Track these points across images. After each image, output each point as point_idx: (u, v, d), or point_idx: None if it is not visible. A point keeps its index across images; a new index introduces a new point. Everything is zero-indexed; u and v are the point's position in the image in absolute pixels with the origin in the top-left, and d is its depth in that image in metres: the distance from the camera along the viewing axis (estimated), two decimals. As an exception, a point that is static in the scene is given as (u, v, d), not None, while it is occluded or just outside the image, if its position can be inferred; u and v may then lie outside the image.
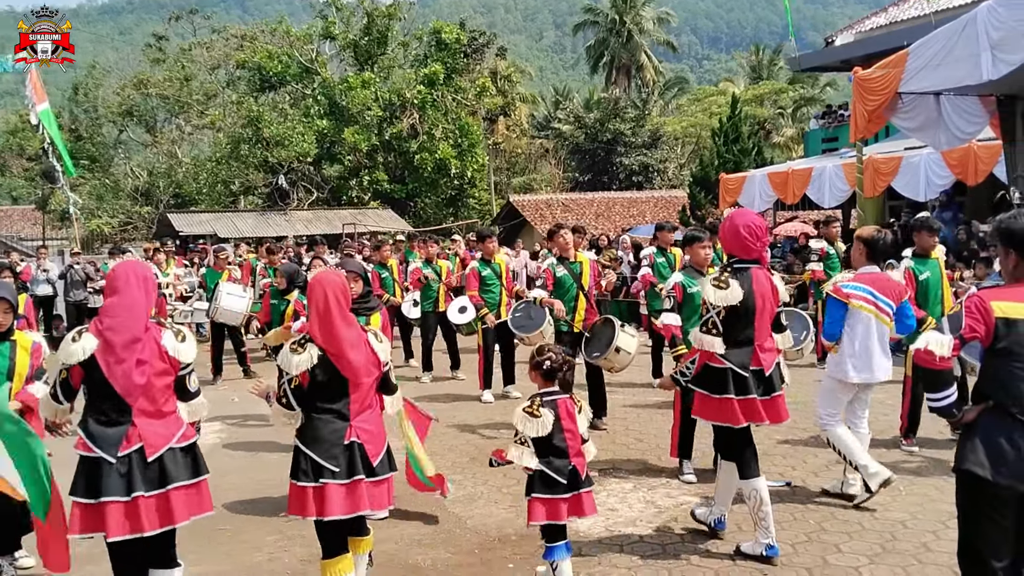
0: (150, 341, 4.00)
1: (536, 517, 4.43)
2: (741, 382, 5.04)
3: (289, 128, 32.55)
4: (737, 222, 5.18)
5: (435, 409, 9.60)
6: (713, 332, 5.03)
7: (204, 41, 39.81)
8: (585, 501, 4.49)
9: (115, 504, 3.87)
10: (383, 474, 4.24)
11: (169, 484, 3.95)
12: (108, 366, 3.90)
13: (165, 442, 3.99)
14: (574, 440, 4.47)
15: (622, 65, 53.17)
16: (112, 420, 3.94)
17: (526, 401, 4.52)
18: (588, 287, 8.35)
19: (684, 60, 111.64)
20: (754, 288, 5.05)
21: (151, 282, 4.17)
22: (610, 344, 7.56)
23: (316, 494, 4.08)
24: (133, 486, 3.89)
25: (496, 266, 10.07)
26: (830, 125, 24.53)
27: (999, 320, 3.42)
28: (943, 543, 5.17)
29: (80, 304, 16.47)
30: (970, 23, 10.39)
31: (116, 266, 4.27)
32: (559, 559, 4.49)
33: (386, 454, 4.28)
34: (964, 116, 12.42)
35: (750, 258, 5.16)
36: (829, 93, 47.08)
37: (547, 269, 8.43)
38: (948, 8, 19.69)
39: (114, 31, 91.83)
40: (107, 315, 4.01)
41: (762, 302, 5.09)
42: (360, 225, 28.78)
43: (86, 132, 38.03)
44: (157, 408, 4.02)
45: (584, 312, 8.29)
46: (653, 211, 34.21)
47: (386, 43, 36.10)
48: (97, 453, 3.89)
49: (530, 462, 4.39)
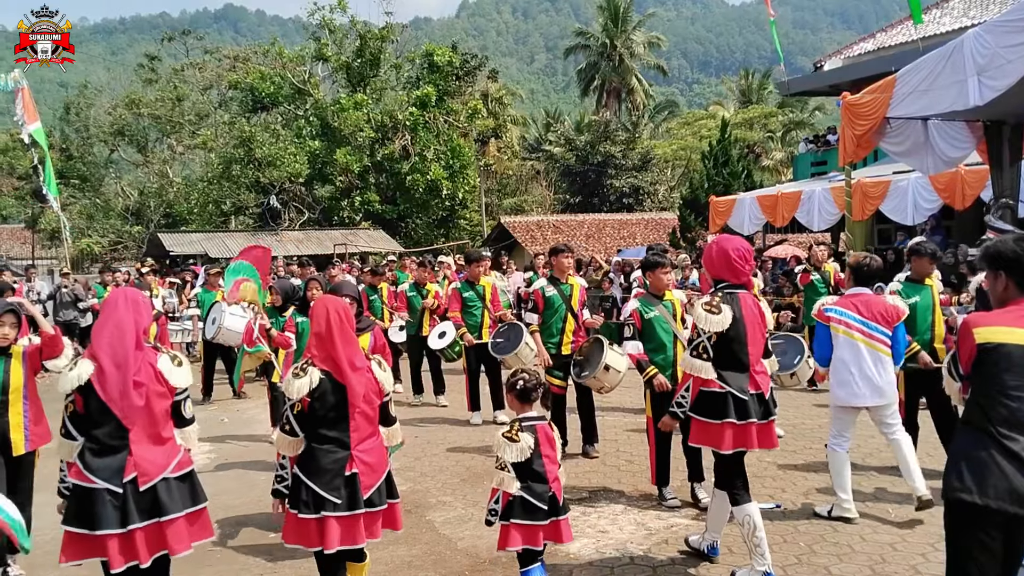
0: (145, 364, 4.00)
1: (512, 543, 4.41)
2: (741, 406, 5.03)
3: (281, 149, 32.58)
4: (726, 247, 5.21)
5: (425, 431, 9.64)
6: (704, 357, 5.02)
7: (197, 62, 39.91)
8: (563, 528, 4.50)
9: (113, 537, 3.83)
10: (379, 505, 4.22)
11: (164, 515, 3.91)
12: (104, 389, 3.89)
13: (159, 471, 3.95)
14: (552, 465, 4.49)
15: (613, 88, 53.49)
16: (109, 448, 3.91)
17: (506, 426, 4.54)
18: (577, 309, 8.35)
19: (674, 84, 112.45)
20: (744, 312, 5.09)
21: (141, 304, 4.17)
22: (599, 363, 7.56)
23: (317, 526, 4.07)
24: (128, 518, 3.85)
25: (480, 288, 10.10)
26: (819, 149, 24.74)
27: (979, 346, 3.46)
28: (932, 565, 5.19)
29: (70, 324, 16.37)
30: (957, 49, 10.51)
31: (109, 292, 4.32)
32: None
33: (384, 482, 4.27)
34: (951, 141, 12.54)
35: (739, 282, 5.20)
36: (818, 117, 47.48)
37: (536, 291, 8.44)
38: (935, 35, 19.94)
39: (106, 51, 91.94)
40: (97, 337, 4.03)
41: (752, 327, 5.12)
42: (351, 245, 28.81)
43: (77, 151, 37.97)
44: (156, 432, 4.00)
45: (572, 334, 8.28)
46: (643, 233, 34.35)
47: (379, 65, 36.25)
48: (98, 484, 3.85)
49: (511, 487, 4.39)
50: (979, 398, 3.48)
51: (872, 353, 6.06)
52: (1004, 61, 9.95)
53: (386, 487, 4.28)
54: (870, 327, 6.05)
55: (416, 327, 11.47)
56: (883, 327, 6.06)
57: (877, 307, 6.12)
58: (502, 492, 4.43)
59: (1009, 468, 3.32)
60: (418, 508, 6.83)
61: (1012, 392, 3.37)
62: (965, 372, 3.60)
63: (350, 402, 4.13)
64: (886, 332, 6.08)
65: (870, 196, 15.70)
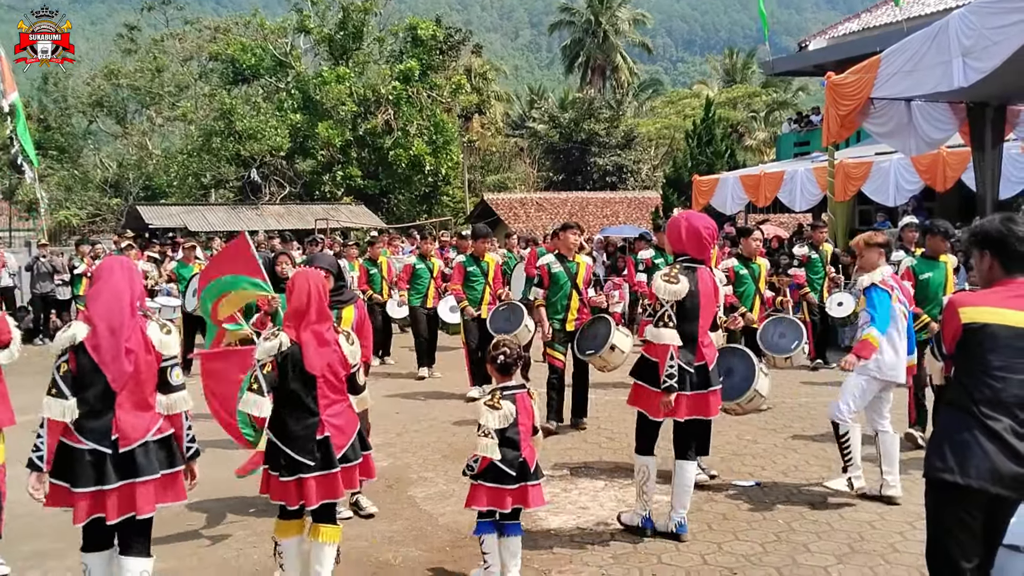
0: (136, 331, 4.07)
1: (477, 503, 4.59)
2: (680, 377, 5.23)
3: (262, 122, 32.30)
4: (698, 224, 5.41)
5: (407, 406, 9.61)
6: (670, 325, 5.21)
7: (177, 32, 39.43)
8: (531, 493, 4.63)
9: (85, 495, 3.93)
10: (355, 459, 4.51)
11: (138, 476, 3.99)
12: (98, 353, 3.96)
13: (140, 435, 4.03)
14: (526, 432, 4.64)
15: (597, 66, 53.31)
16: (96, 410, 3.99)
17: (487, 395, 4.68)
18: (582, 288, 8.37)
19: (659, 62, 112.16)
20: (699, 287, 5.32)
21: (135, 273, 4.25)
22: (605, 342, 7.59)
23: (295, 485, 4.33)
24: (105, 478, 3.94)
25: (484, 264, 10.04)
26: (802, 129, 24.77)
27: (965, 326, 3.46)
28: (910, 543, 5.23)
29: (47, 296, 16.24)
30: (942, 30, 10.53)
31: (103, 260, 4.40)
32: (485, 534, 4.65)
33: (357, 438, 4.53)
34: (934, 123, 12.59)
35: (701, 258, 5.42)
36: (801, 97, 47.53)
37: (542, 266, 8.45)
38: (921, 15, 19.93)
39: (85, 20, 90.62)
40: (92, 301, 4.09)
41: (706, 300, 5.37)
42: (333, 221, 28.64)
43: (55, 122, 37.52)
44: (142, 398, 4.07)
45: (577, 311, 8.32)
46: (626, 211, 34.35)
47: (361, 38, 35.92)
48: (85, 445, 3.94)
49: (495, 453, 4.51)
50: (962, 378, 3.49)
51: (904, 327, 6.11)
52: (989, 43, 9.97)
53: (359, 441, 4.55)
54: (904, 304, 6.10)
55: (421, 299, 11.45)
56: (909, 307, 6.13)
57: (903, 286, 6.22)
58: (482, 456, 4.54)
59: (991, 448, 3.33)
60: (399, 483, 6.82)
61: (996, 372, 3.38)
62: (949, 352, 3.60)
63: (313, 373, 4.34)
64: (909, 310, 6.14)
65: (852, 177, 15.74)
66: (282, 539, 4.58)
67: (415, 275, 11.55)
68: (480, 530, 4.67)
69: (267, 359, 4.30)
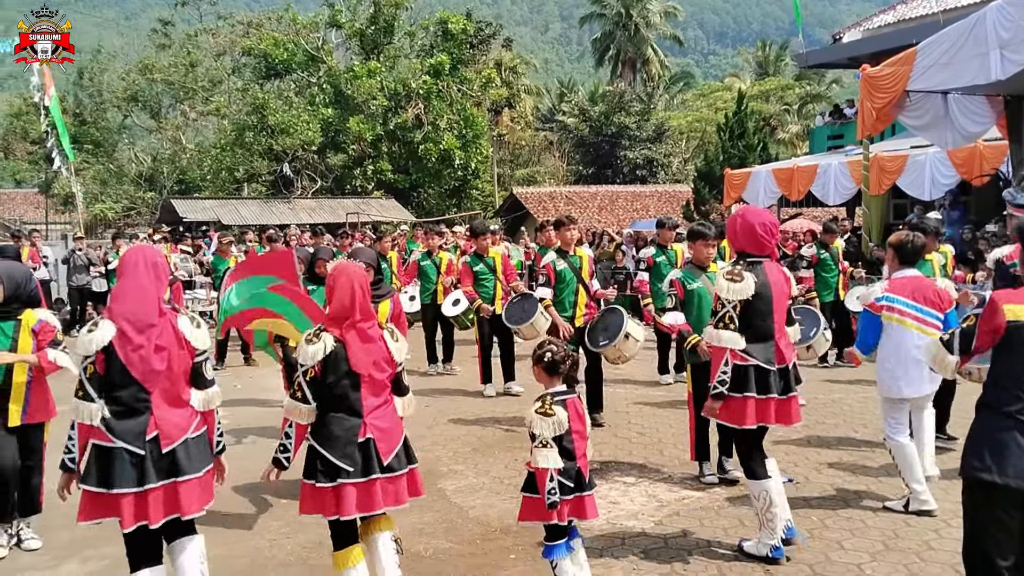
0: (167, 327, 3.97)
1: (529, 516, 4.28)
2: (763, 379, 4.96)
3: (294, 116, 32.48)
4: (752, 220, 5.08)
5: (436, 401, 9.66)
6: (731, 327, 4.91)
7: (210, 27, 39.76)
8: (587, 504, 4.32)
9: (128, 496, 3.83)
10: (400, 469, 4.20)
11: (180, 475, 3.92)
12: (126, 353, 3.86)
13: (181, 433, 3.96)
14: (581, 441, 4.32)
15: (628, 59, 53.01)
16: (130, 410, 3.89)
17: (537, 402, 4.30)
18: (588, 281, 8.27)
19: (690, 55, 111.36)
20: (769, 280, 5.00)
21: (160, 267, 4.12)
22: (619, 332, 7.52)
23: (332, 494, 4.06)
24: (145, 477, 3.85)
25: (490, 260, 10.08)
26: (836, 122, 24.51)
27: (1010, 323, 3.40)
28: (945, 541, 5.18)
29: (83, 288, 16.51)
30: (979, 22, 10.38)
31: (125, 252, 4.21)
32: (558, 557, 4.30)
33: (402, 447, 4.24)
34: (970, 116, 12.43)
35: (763, 254, 5.09)
36: (835, 90, 47.01)
37: (547, 264, 8.26)
38: (957, 7, 19.65)
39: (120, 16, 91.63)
40: (117, 301, 4.00)
41: (778, 294, 5.03)
42: (363, 215, 28.79)
43: (90, 116, 37.98)
44: (176, 395, 3.99)
45: (585, 306, 8.22)
46: (657, 205, 34.18)
47: (392, 32, 36.01)
48: (119, 444, 3.84)
49: (558, 463, 4.16)
50: (1003, 379, 3.44)
51: (923, 339, 5.51)
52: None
53: (404, 452, 4.26)
54: (922, 312, 5.70)
55: (431, 295, 11.46)
56: (935, 311, 5.72)
57: (927, 290, 5.78)
58: (551, 469, 4.15)
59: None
60: (429, 476, 6.83)
61: None
62: (983, 348, 3.54)
63: (359, 372, 4.12)
64: (937, 316, 5.73)
65: (887, 170, 15.55)
66: (350, 569, 4.19)
67: (421, 272, 11.52)
68: (552, 553, 4.29)
69: (312, 364, 4.07)
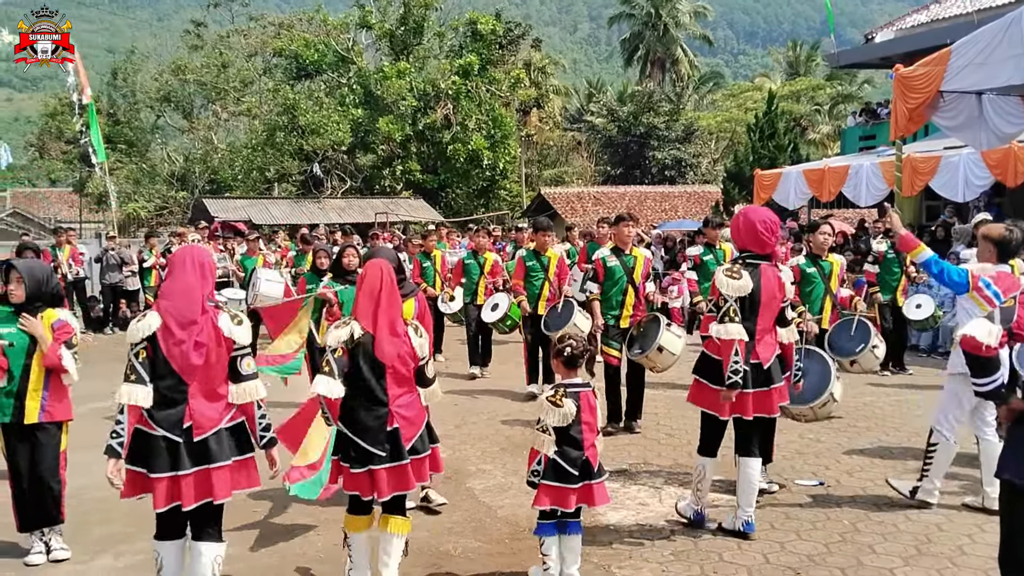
0: (208, 324, 4.15)
1: (541, 503, 4.56)
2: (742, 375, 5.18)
3: (324, 116, 32.66)
4: (753, 218, 5.32)
5: (465, 400, 9.67)
6: (736, 320, 5.15)
7: (242, 28, 40.03)
8: (596, 491, 4.61)
9: (163, 479, 4.05)
10: (424, 451, 4.56)
11: (212, 463, 4.11)
12: (168, 346, 4.07)
13: (213, 425, 4.15)
14: (590, 432, 4.59)
15: (657, 59, 52.80)
16: (170, 399, 4.09)
17: (550, 390, 4.64)
18: (640, 282, 8.12)
19: (720, 55, 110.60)
20: (762, 283, 5.24)
21: (208, 267, 4.28)
22: (652, 343, 7.45)
23: (368, 477, 4.42)
24: (179, 463, 4.06)
25: (545, 260, 9.85)
26: (868, 123, 24.28)
27: None
28: (978, 547, 5.13)
29: (116, 287, 16.69)
30: (1015, 22, 10.23)
31: (176, 250, 4.43)
32: (545, 536, 4.61)
33: (425, 430, 4.59)
34: (1005, 116, 12.23)
35: (763, 253, 5.32)
36: (867, 90, 46.51)
37: (597, 260, 8.16)
38: (991, 7, 19.39)
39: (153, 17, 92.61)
40: (165, 297, 4.19)
41: (768, 298, 5.27)
42: (392, 215, 28.91)
43: (124, 116, 38.42)
44: (213, 388, 4.18)
45: (632, 308, 8.10)
46: (686, 206, 34.05)
47: (422, 33, 36.11)
48: (158, 432, 4.06)
49: (548, 449, 4.52)
50: None
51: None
52: (1065, 34, 9.68)
53: (427, 433, 4.62)
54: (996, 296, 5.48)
55: (471, 295, 11.41)
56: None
57: (1013, 289, 5.51)
58: (543, 454, 4.55)
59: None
60: (457, 475, 6.87)
61: None
62: (1016, 332, 3.52)
63: (384, 362, 4.40)
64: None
65: (920, 171, 15.36)
66: (352, 533, 4.62)
67: (465, 271, 11.50)
68: (540, 531, 4.64)
69: (338, 345, 4.34)
